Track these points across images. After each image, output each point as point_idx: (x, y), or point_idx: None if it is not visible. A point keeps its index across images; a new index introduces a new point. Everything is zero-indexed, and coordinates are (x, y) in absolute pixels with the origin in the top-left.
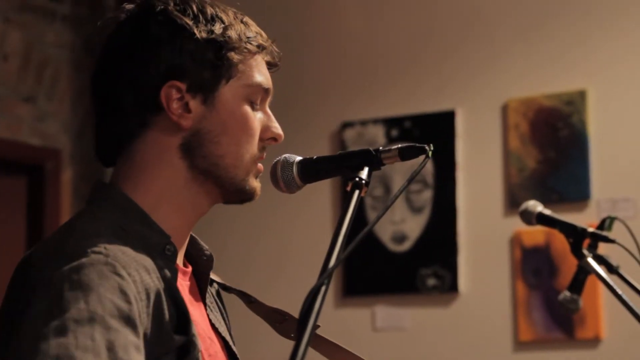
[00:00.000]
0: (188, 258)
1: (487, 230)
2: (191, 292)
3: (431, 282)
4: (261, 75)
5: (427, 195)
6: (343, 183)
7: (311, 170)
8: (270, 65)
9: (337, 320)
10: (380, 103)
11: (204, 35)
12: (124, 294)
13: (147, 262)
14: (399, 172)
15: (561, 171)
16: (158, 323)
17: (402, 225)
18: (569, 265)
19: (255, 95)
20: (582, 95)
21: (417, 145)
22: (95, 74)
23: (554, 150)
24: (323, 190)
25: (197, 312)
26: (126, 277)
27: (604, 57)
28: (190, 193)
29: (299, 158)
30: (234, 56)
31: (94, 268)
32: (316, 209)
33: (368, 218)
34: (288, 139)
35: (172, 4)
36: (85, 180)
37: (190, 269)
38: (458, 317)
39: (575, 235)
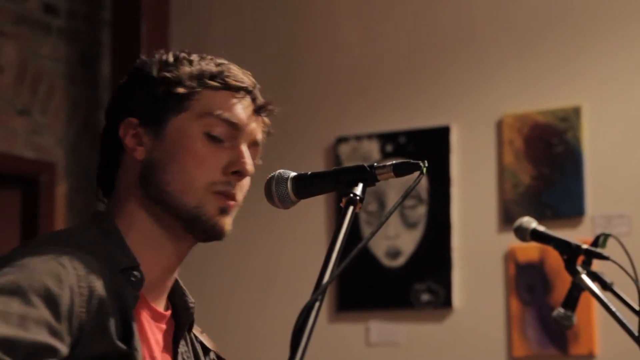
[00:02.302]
0: (173, 307)
1: (481, 245)
2: (164, 336)
3: (425, 297)
4: (221, 109)
5: (421, 210)
6: (337, 199)
7: (306, 185)
8: (258, 110)
9: (331, 335)
10: (375, 118)
11: (158, 75)
12: (58, 280)
13: (105, 275)
14: (393, 187)
15: (556, 187)
16: (100, 324)
17: (396, 241)
18: (563, 282)
19: (214, 127)
20: (576, 111)
21: (412, 161)
22: None
23: (548, 166)
24: (317, 206)
25: (159, 356)
26: (69, 268)
27: (599, 74)
28: (154, 227)
29: (293, 173)
30: (180, 90)
31: (40, 255)
32: (310, 225)
33: (362, 233)
34: (282, 153)
35: (148, 57)
36: (80, 193)
37: (169, 313)
38: (452, 333)
39: (569, 251)
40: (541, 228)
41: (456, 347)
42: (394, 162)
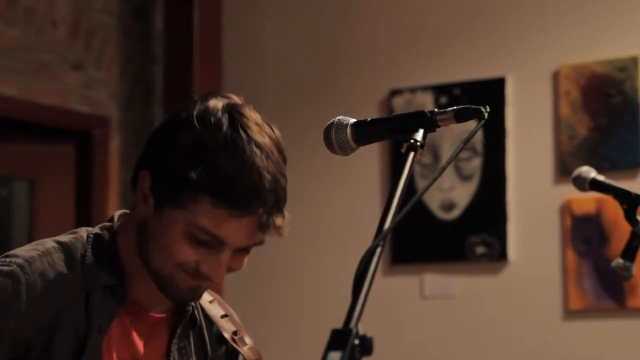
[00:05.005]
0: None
1: (537, 198)
2: (152, 335)
3: (480, 250)
4: (211, 226)
5: (476, 162)
6: (392, 148)
7: (365, 132)
8: (261, 229)
9: (386, 288)
10: (429, 70)
11: (176, 156)
12: (4, 308)
13: (72, 293)
14: (447, 139)
15: (613, 139)
16: (46, 341)
17: (451, 193)
18: (619, 234)
19: (199, 234)
20: (634, 61)
21: (473, 107)
22: None
23: (605, 118)
24: (370, 156)
25: (146, 356)
26: (23, 294)
27: None
28: (143, 266)
29: (352, 120)
30: (183, 197)
31: (3, 267)
32: (363, 175)
33: (417, 186)
34: (336, 107)
35: (200, 115)
36: (133, 147)
37: (164, 316)
38: (507, 286)
39: (629, 201)
40: (600, 177)
41: (511, 300)
42: (455, 107)
